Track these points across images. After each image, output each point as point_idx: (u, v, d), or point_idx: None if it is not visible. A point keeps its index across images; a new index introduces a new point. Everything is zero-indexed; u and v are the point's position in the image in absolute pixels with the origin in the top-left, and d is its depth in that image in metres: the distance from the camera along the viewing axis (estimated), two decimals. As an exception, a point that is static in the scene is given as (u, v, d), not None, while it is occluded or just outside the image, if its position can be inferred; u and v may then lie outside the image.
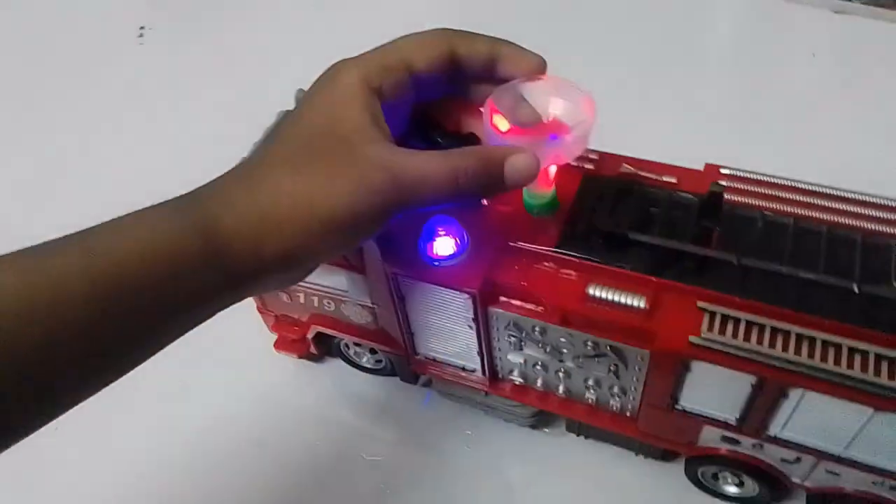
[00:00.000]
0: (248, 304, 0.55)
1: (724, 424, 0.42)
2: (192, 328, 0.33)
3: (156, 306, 0.31)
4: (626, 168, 0.45)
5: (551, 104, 0.37)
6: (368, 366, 0.57)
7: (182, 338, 0.41)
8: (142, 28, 0.91)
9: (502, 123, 0.37)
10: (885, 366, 0.35)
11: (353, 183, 0.32)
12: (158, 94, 0.82)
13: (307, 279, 0.49)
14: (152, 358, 0.34)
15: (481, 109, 0.38)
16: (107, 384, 0.32)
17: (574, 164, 0.45)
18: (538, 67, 0.37)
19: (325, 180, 0.32)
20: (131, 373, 0.33)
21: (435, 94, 0.39)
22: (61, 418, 0.31)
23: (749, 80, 0.77)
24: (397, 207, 0.34)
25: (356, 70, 0.35)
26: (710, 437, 0.44)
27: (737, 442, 0.43)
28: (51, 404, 0.30)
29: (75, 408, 0.31)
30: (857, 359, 0.36)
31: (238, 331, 0.57)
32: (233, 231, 0.32)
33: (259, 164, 0.34)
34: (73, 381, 0.30)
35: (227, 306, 0.34)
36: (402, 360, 0.52)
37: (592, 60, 0.77)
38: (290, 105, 0.43)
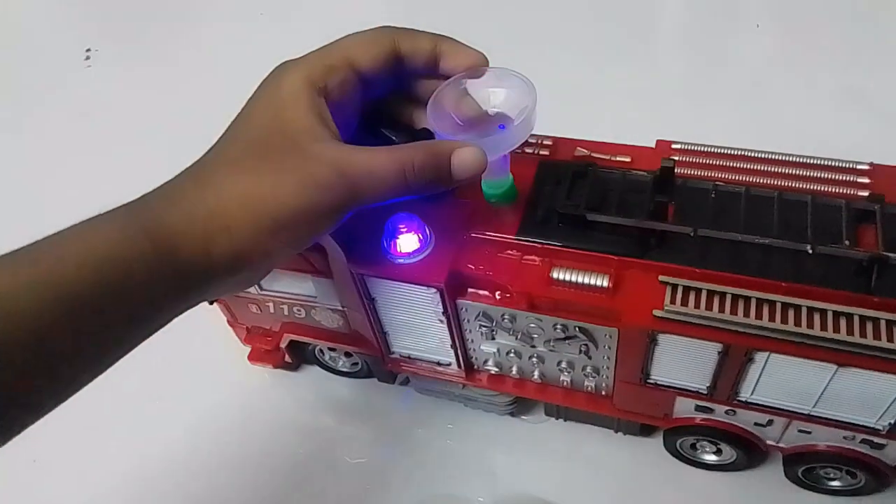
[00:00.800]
0: (219, 318, 0.55)
1: (696, 394, 0.43)
2: (150, 334, 0.33)
3: (109, 313, 0.30)
4: (581, 151, 0.45)
5: (494, 95, 0.38)
6: (344, 369, 0.57)
7: (155, 357, 0.40)
8: (88, 50, 0.89)
9: (449, 119, 0.38)
10: (843, 322, 0.36)
11: (301, 180, 0.32)
12: (109, 115, 0.81)
13: (274, 288, 0.49)
14: (126, 378, 0.34)
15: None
16: (68, 396, 0.31)
17: (529, 151, 0.46)
18: (479, 62, 0.38)
19: (273, 179, 0.32)
20: (107, 393, 0.32)
21: (381, 91, 0.39)
22: (37, 434, 0.30)
23: (697, 55, 0.79)
24: (347, 203, 0.34)
25: (299, 71, 0.35)
26: (684, 408, 0.45)
27: (710, 410, 0.44)
28: (9, 421, 0.30)
29: (53, 426, 0.31)
30: (817, 318, 0.37)
31: (211, 346, 0.57)
32: (182, 232, 0.32)
33: (206, 165, 0.34)
34: (31, 396, 0.30)
35: (182, 311, 0.34)
36: (378, 361, 0.52)
37: (540, 46, 0.78)
38: (242, 116, 0.43)
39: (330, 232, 0.35)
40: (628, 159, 0.44)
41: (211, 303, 0.51)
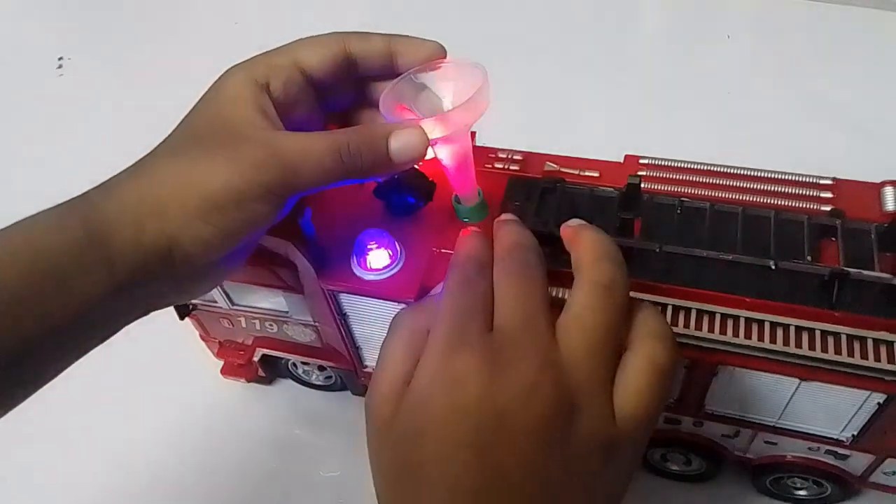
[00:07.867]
0: (191, 333, 0.55)
1: (664, 406, 0.43)
2: (100, 339, 0.33)
3: (47, 309, 0.30)
4: (550, 166, 0.46)
5: (450, 87, 0.37)
6: (318, 383, 0.57)
7: (126, 372, 0.40)
8: (60, 59, 0.89)
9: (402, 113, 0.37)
10: (805, 337, 0.37)
11: (233, 160, 0.32)
12: (83, 124, 0.80)
13: (245, 302, 0.49)
14: (97, 391, 0.33)
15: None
16: (13, 406, 0.31)
17: (500, 166, 0.46)
18: (436, 53, 0.37)
19: (206, 160, 0.33)
20: (78, 407, 0.32)
21: (342, 102, 0.39)
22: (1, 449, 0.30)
23: (668, 66, 0.79)
24: (281, 185, 0.33)
25: (243, 70, 0.36)
26: (653, 420, 0.45)
27: (678, 422, 0.45)
28: None
29: (16, 442, 0.30)
30: (780, 333, 0.37)
31: (183, 361, 0.57)
32: (114, 219, 0.31)
33: (147, 157, 0.35)
34: None
35: (131, 313, 0.34)
36: (351, 374, 0.52)
37: (512, 58, 0.78)
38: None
39: (271, 224, 0.34)
40: (597, 174, 0.45)
41: (182, 317, 0.51)
